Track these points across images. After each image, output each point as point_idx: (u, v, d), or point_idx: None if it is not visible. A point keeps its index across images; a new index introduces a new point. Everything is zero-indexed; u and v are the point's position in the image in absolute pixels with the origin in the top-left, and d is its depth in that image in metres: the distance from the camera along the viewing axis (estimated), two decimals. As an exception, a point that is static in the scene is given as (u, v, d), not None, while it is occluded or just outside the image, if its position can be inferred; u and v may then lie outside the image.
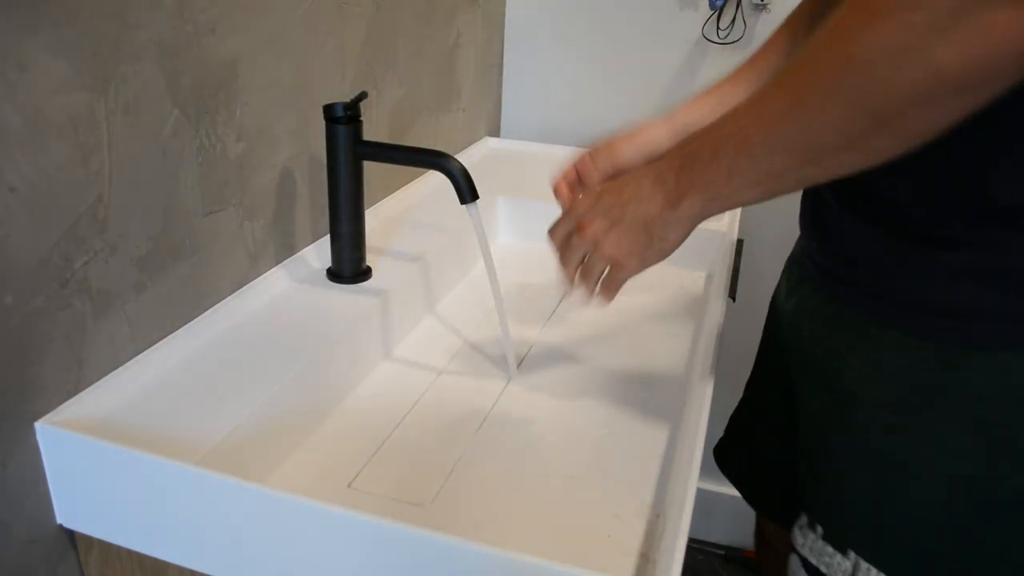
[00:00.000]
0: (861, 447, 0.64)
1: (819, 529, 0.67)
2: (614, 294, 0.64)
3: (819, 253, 0.68)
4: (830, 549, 0.66)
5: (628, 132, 0.74)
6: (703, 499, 1.71)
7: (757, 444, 0.90)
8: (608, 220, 0.60)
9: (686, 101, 0.76)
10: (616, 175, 0.72)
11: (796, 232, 0.75)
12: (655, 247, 0.59)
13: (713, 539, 1.73)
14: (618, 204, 0.60)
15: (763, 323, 0.87)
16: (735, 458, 0.95)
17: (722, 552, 1.71)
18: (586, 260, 0.64)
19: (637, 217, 0.58)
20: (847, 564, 0.64)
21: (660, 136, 0.73)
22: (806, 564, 0.68)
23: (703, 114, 0.74)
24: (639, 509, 0.64)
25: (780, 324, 0.79)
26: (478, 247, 0.77)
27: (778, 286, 0.82)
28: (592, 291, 0.65)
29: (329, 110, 0.78)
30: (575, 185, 0.75)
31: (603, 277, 0.64)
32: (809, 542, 0.68)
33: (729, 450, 0.96)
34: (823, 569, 0.66)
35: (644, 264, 0.61)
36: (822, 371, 0.68)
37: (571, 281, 0.65)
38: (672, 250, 0.60)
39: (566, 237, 0.64)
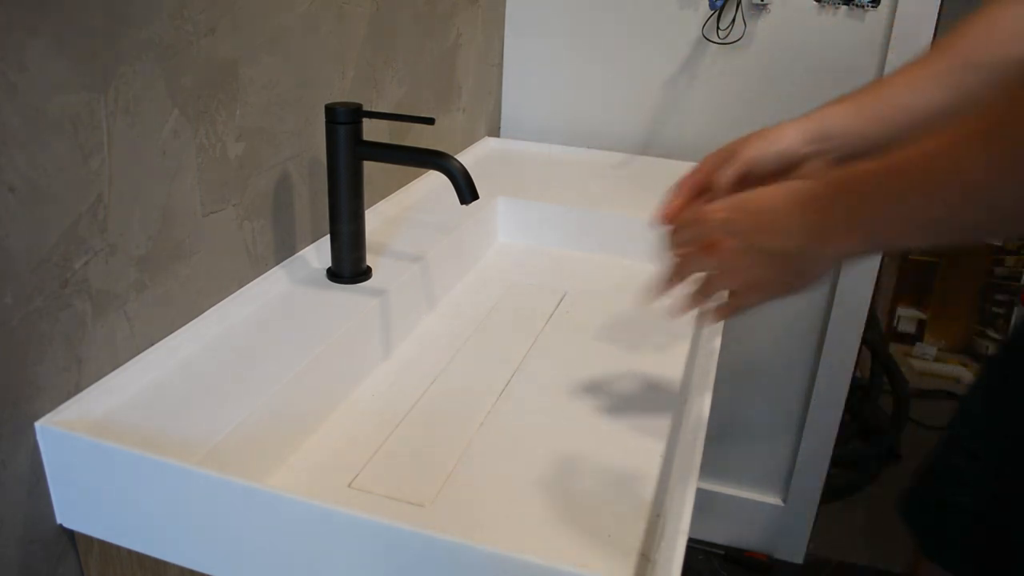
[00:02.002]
0: None
1: None
2: (725, 318, 0.58)
3: None
4: None
5: (758, 133, 0.68)
6: (703, 499, 1.71)
7: (986, 508, 0.84)
8: (742, 243, 0.54)
9: (825, 104, 0.68)
10: (744, 180, 0.65)
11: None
12: (788, 283, 0.54)
13: (713, 539, 1.73)
14: (755, 229, 0.53)
15: (765, 323, 0.86)
16: (937, 513, 0.88)
17: (722, 552, 1.71)
18: (707, 280, 0.58)
19: (775, 248, 0.52)
20: None
21: (793, 140, 0.66)
22: None
23: (845, 122, 0.67)
24: (639, 509, 0.64)
25: None
26: (478, 247, 0.77)
27: None
28: (698, 307, 0.59)
29: (331, 112, 0.78)
30: (700, 189, 0.68)
31: (720, 302, 0.58)
32: None
33: (927, 503, 0.89)
34: None
35: (770, 299, 0.55)
36: None
37: (671, 287, 0.60)
38: (807, 288, 0.53)
39: (686, 245, 0.58)
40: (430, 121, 0.76)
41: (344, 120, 0.78)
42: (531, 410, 0.77)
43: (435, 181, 1.20)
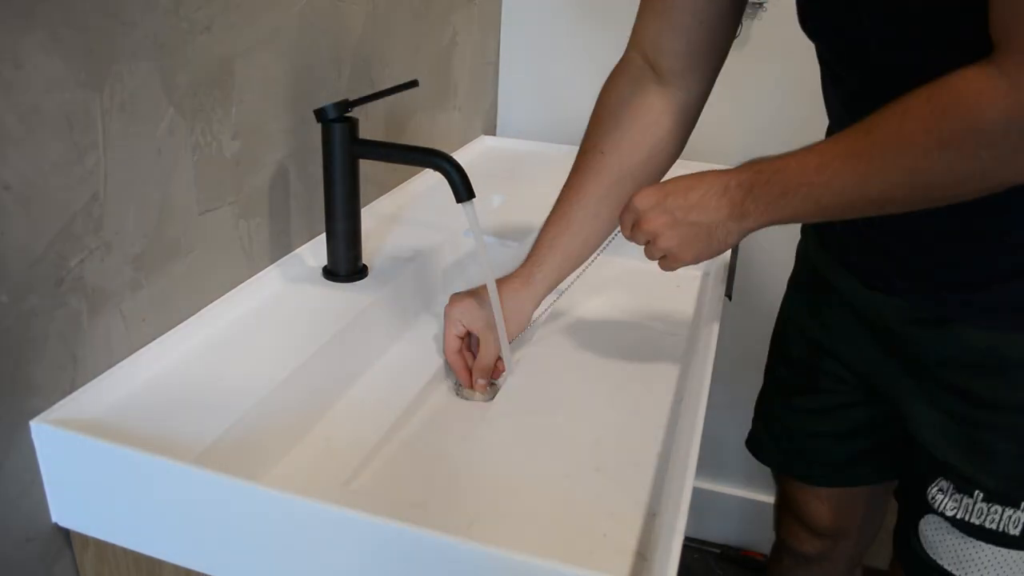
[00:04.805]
0: None
1: (977, 493, 0.73)
2: (670, 269, 0.72)
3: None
4: (997, 507, 0.73)
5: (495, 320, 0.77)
6: (699, 498, 1.72)
7: (803, 424, 0.97)
8: (671, 218, 0.68)
9: (531, 257, 0.82)
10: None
11: (793, 232, 0.75)
12: (712, 248, 0.69)
13: (709, 538, 1.73)
14: (683, 206, 0.67)
15: (762, 322, 0.87)
16: (775, 445, 1.04)
17: (718, 551, 1.71)
18: (646, 247, 0.72)
19: (701, 222, 0.67)
20: (1020, 515, 0.72)
21: (526, 307, 0.81)
22: (961, 523, 0.74)
23: (560, 274, 0.82)
24: (635, 508, 0.64)
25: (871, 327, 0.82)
26: (474, 245, 0.77)
27: (833, 280, 0.83)
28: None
29: (320, 113, 0.77)
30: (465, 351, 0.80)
31: (660, 260, 0.72)
32: (963, 504, 0.74)
33: (767, 439, 1.06)
34: (989, 525, 0.73)
35: (698, 259, 0.70)
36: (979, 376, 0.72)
37: None
38: (725, 251, 0.70)
39: (630, 225, 0.72)
40: (414, 84, 0.81)
41: (334, 116, 0.78)
42: (529, 409, 0.77)
43: (431, 179, 1.20)
